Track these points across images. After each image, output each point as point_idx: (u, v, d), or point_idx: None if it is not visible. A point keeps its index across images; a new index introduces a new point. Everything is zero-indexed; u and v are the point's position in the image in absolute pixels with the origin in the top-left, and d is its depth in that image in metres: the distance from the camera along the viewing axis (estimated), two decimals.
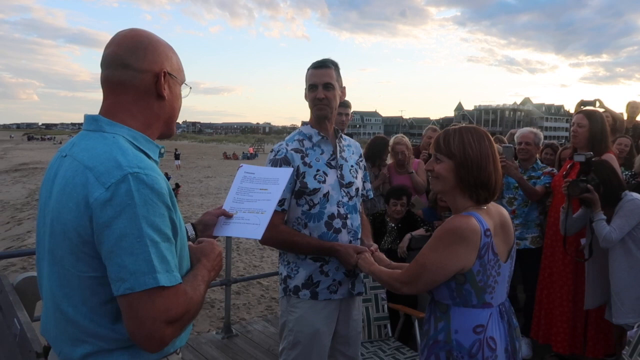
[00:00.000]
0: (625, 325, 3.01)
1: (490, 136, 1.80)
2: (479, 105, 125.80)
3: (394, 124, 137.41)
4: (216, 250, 1.41)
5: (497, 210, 1.80)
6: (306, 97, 2.36)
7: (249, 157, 41.88)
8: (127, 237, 1.08)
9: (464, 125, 1.83)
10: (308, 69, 2.34)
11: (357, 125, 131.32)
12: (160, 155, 1.35)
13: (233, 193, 1.72)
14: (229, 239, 4.32)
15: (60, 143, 62.45)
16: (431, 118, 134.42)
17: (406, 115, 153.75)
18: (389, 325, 3.34)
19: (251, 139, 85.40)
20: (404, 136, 4.91)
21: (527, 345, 3.91)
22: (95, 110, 1.31)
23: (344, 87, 2.40)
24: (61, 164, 1.23)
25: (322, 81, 2.27)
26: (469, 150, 1.70)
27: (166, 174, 20.79)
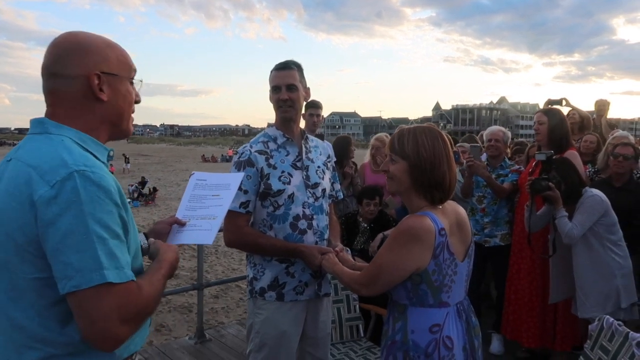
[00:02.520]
0: (590, 318, 3.07)
1: (445, 136, 1.81)
2: (456, 105, 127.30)
3: (373, 124, 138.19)
4: (172, 246, 1.43)
5: (454, 209, 1.81)
6: (270, 98, 2.36)
7: (229, 160, 41.50)
8: (73, 234, 1.06)
9: (418, 125, 1.85)
10: (271, 71, 2.33)
11: (337, 126, 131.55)
12: (110, 157, 1.32)
13: (185, 201, 1.71)
14: (200, 245, 4.27)
15: None
16: (410, 118, 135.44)
17: (385, 116, 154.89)
18: (360, 326, 3.35)
19: (230, 141, 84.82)
20: (387, 135, 4.93)
21: (499, 342, 3.97)
22: None
23: (308, 88, 2.40)
24: (6, 168, 1.21)
25: (286, 82, 2.27)
26: (423, 151, 1.70)
27: (143, 178, 20.53)
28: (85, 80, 1.24)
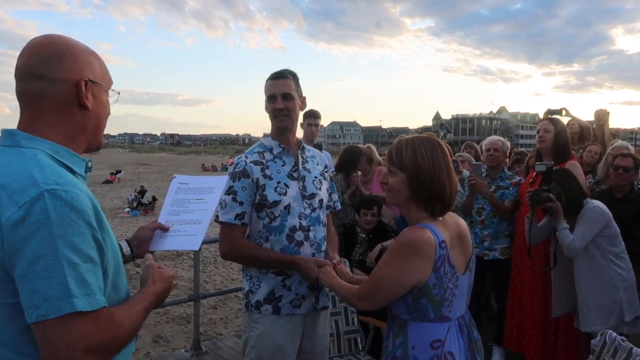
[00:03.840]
0: (592, 332, 3.02)
1: (444, 146, 1.77)
2: (456, 115, 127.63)
3: (373, 134, 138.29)
4: (169, 280, 1.36)
5: (454, 221, 1.77)
6: (266, 108, 2.33)
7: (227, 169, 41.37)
8: (40, 259, 1.00)
9: (416, 135, 1.81)
10: (266, 80, 2.31)
11: (337, 136, 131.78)
12: (88, 169, 1.26)
13: (168, 205, 1.66)
14: (196, 253, 4.23)
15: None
16: (410, 127, 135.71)
17: (385, 125, 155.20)
18: (359, 339, 3.29)
19: (230, 151, 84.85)
20: (370, 145, 4.97)
21: (500, 355, 3.91)
22: None
23: (304, 97, 2.37)
24: None
25: (281, 91, 2.24)
26: (421, 162, 1.66)
27: (142, 187, 20.48)
28: (72, 86, 1.19)
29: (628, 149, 4.29)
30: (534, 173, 3.67)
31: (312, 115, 4.35)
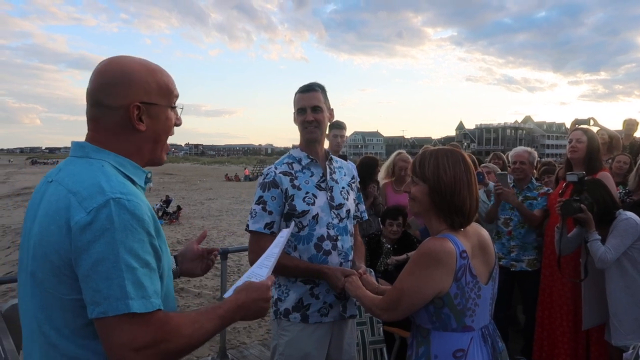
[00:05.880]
0: (624, 346, 2.95)
1: (469, 158, 1.77)
2: (480, 124, 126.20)
3: (395, 144, 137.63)
4: (263, 293, 1.36)
5: (475, 231, 1.77)
6: (295, 120, 2.38)
7: (251, 179, 41.57)
8: (103, 261, 1.09)
9: (440, 147, 1.82)
10: (295, 94, 2.36)
11: (359, 146, 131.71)
12: (148, 180, 1.36)
13: (262, 258, 1.60)
14: (223, 262, 4.29)
15: None
16: (433, 137, 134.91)
17: (408, 135, 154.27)
18: (384, 349, 3.28)
19: (253, 160, 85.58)
20: (404, 152, 4.93)
21: None
22: None
23: (332, 109, 2.42)
24: (47, 189, 1.26)
25: (311, 104, 2.30)
26: (443, 175, 1.68)
27: (167, 197, 20.83)
28: (126, 111, 1.27)
29: None
30: (564, 184, 3.62)
31: (338, 127, 4.38)
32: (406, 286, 1.68)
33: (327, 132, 2.52)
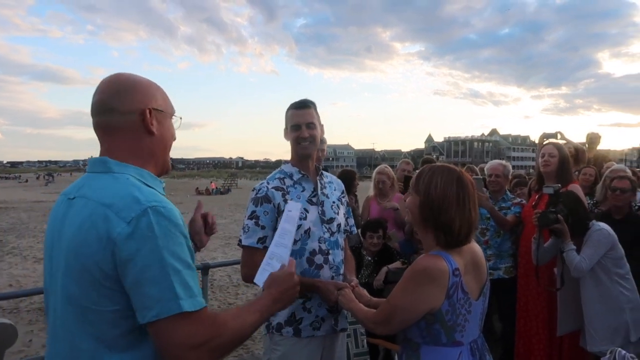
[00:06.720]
0: (599, 352, 3.07)
1: (466, 180, 1.75)
2: (449, 137, 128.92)
3: (366, 157, 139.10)
4: (290, 282, 1.49)
5: (469, 248, 1.79)
6: (286, 136, 2.42)
7: (222, 193, 41.18)
8: (150, 268, 1.14)
9: (441, 164, 1.86)
10: (288, 110, 2.40)
11: (330, 159, 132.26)
12: (163, 190, 1.39)
13: (276, 235, 1.81)
14: (205, 276, 4.25)
15: (27, 182, 59.85)
16: (402, 150, 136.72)
17: (378, 148, 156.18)
18: None
19: (224, 174, 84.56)
20: (387, 166, 4.97)
21: None
22: (62, 147, 1.35)
23: (322, 125, 2.47)
24: (70, 206, 1.27)
25: (306, 121, 2.35)
26: (432, 191, 1.71)
27: None
28: (139, 116, 1.33)
29: (625, 172, 4.41)
30: (537, 195, 3.78)
31: (320, 141, 4.43)
32: (399, 302, 1.71)
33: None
